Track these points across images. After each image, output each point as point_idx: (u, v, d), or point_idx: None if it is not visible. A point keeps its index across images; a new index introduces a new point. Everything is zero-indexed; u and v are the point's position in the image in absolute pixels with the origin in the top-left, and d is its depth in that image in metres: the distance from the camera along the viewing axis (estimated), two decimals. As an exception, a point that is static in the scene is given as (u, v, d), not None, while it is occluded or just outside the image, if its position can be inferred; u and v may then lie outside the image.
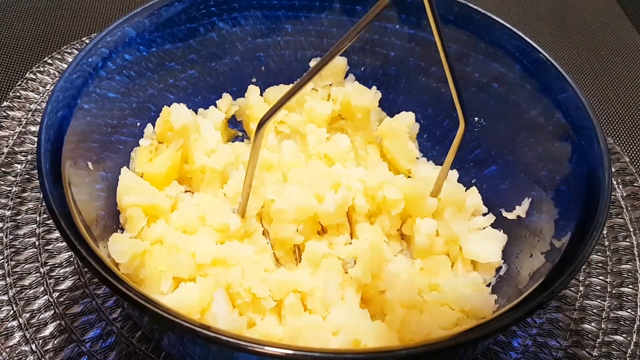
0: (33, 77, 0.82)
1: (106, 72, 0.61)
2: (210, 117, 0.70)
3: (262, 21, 0.70)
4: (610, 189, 0.52)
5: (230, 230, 0.61)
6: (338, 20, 0.71)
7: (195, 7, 0.67)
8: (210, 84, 0.72)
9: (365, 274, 0.59)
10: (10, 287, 0.64)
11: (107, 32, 0.61)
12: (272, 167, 0.68)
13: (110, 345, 0.60)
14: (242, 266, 0.58)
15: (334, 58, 0.51)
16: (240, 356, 0.46)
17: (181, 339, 0.51)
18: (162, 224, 0.61)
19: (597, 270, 0.69)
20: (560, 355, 0.62)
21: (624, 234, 0.72)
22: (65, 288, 0.64)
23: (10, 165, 0.73)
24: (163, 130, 0.67)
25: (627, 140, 0.85)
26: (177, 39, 0.67)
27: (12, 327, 0.61)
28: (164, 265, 0.57)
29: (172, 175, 0.66)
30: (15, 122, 0.77)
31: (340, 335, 0.53)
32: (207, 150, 0.66)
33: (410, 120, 0.69)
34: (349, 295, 0.58)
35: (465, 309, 0.58)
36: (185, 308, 0.53)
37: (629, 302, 0.67)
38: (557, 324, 0.64)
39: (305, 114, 0.71)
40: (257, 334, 0.55)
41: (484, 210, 0.66)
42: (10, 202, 0.70)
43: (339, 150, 0.69)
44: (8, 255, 0.66)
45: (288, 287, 0.57)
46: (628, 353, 0.63)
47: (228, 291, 0.57)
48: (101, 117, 0.61)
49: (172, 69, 0.68)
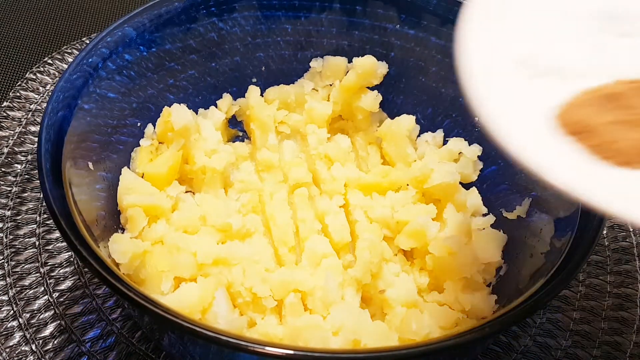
0: (33, 77, 0.82)
1: (106, 72, 0.61)
2: (210, 117, 0.70)
3: (262, 21, 0.70)
4: (610, 189, 0.51)
5: (232, 230, 0.61)
6: (338, 20, 0.71)
7: (195, 7, 0.67)
8: (210, 84, 0.72)
9: (365, 274, 0.59)
10: (10, 287, 0.64)
11: (107, 32, 0.61)
12: (272, 167, 0.69)
13: (110, 345, 0.60)
14: (243, 266, 0.58)
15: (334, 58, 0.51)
16: (240, 356, 0.47)
17: (181, 339, 0.51)
18: (163, 224, 0.61)
19: (597, 270, 0.69)
20: (560, 355, 0.62)
21: (624, 234, 0.72)
22: (65, 288, 0.64)
23: (10, 165, 0.73)
24: (163, 130, 0.67)
25: (627, 140, 0.85)
26: (177, 39, 0.67)
27: (12, 327, 0.61)
28: (165, 265, 0.57)
29: (173, 176, 0.66)
30: (15, 122, 0.77)
31: (340, 335, 0.53)
32: (207, 151, 0.66)
33: (410, 123, 0.69)
34: (349, 295, 0.58)
35: (465, 309, 0.58)
36: (186, 308, 0.53)
37: (629, 302, 0.67)
38: (557, 324, 0.64)
39: (306, 114, 0.71)
40: (258, 333, 0.55)
41: (484, 211, 0.66)
42: (10, 202, 0.70)
43: (339, 151, 0.69)
44: (8, 255, 0.66)
45: (288, 287, 0.57)
46: (628, 353, 0.63)
47: (229, 291, 0.57)
48: (101, 117, 0.61)
49: (172, 69, 0.68)
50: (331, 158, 0.69)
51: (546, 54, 0.47)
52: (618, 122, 0.42)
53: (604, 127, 0.42)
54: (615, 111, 0.43)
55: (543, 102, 0.45)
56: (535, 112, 0.44)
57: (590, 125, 0.42)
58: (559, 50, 0.47)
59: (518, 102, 0.45)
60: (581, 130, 0.42)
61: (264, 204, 0.66)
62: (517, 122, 0.43)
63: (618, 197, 0.38)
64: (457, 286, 0.59)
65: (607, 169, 0.40)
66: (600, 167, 0.40)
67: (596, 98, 0.44)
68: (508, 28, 0.48)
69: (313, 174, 0.69)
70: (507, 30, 0.48)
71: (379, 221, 0.64)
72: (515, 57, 0.47)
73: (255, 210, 0.66)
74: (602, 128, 0.42)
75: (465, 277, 0.60)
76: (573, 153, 0.41)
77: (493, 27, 0.48)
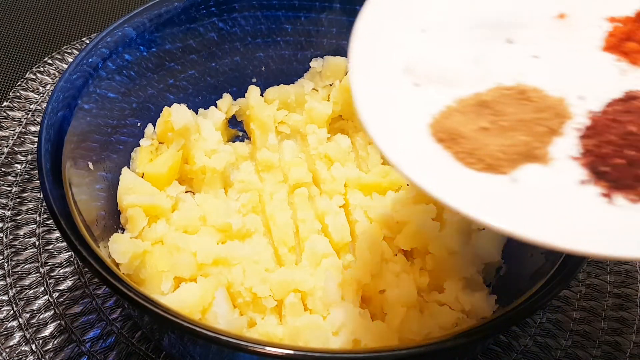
0: (33, 77, 0.82)
1: (106, 72, 0.61)
2: (210, 117, 0.70)
3: (262, 21, 0.70)
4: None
5: (232, 230, 0.61)
6: (338, 20, 0.71)
7: (195, 7, 0.67)
8: (210, 84, 0.72)
9: (365, 274, 0.59)
10: (10, 287, 0.64)
11: (107, 32, 0.61)
12: (272, 167, 0.69)
13: (110, 345, 0.60)
14: (243, 266, 0.58)
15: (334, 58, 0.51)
16: (240, 356, 0.47)
17: (181, 339, 0.51)
18: (163, 224, 0.62)
19: (597, 270, 0.69)
20: (560, 355, 0.62)
21: (623, 234, 0.72)
22: (65, 288, 0.64)
23: (10, 165, 0.73)
24: (164, 130, 0.67)
25: (627, 140, 0.85)
26: (177, 39, 0.67)
27: (12, 327, 0.61)
28: (165, 265, 0.57)
29: (173, 176, 0.66)
30: (15, 122, 0.77)
31: (340, 335, 0.53)
32: (207, 151, 0.66)
33: None
34: (349, 295, 0.58)
35: (465, 309, 0.58)
36: (187, 308, 0.53)
37: (629, 302, 0.67)
38: (557, 324, 0.64)
39: (306, 114, 0.71)
40: (258, 333, 0.55)
41: (484, 211, 0.66)
42: (10, 202, 0.70)
43: (339, 151, 0.69)
44: (8, 255, 0.66)
45: (289, 287, 0.57)
46: (628, 353, 0.63)
47: (229, 291, 0.57)
48: (101, 117, 0.61)
49: (172, 69, 0.68)
50: (331, 158, 0.69)
51: (431, 62, 0.49)
52: (487, 128, 0.45)
53: (473, 133, 0.45)
54: (486, 118, 0.45)
55: (423, 109, 0.47)
56: (414, 118, 0.47)
57: (460, 132, 0.45)
58: (443, 58, 0.49)
59: (400, 108, 0.47)
60: (451, 137, 0.45)
61: (264, 204, 0.66)
62: (395, 128, 0.46)
63: (472, 200, 0.40)
64: (457, 286, 0.59)
65: (469, 174, 0.42)
66: (462, 172, 0.42)
67: (470, 105, 0.47)
68: (398, 34, 0.50)
69: (313, 174, 0.69)
70: (397, 36, 0.50)
71: (379, 221, 0.64)
72: (402, 64, 0.49)
73: (255, 210, 0.66)
74: (471, 135, 0.45)
75: (465, 277, 0.60)
76: (441, 159, 0.44)
77: (384, 33, 0.51)
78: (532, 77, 0.48)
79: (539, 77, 0.48)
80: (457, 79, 0.48)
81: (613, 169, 0.42)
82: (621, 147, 0.42)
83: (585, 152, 0.43)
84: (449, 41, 0.50)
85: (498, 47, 0.51)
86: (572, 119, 0.46)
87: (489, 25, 0.51)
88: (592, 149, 0.43)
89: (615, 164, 0.42)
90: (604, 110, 0.46)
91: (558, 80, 0.48)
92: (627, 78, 0.48)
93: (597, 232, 0.39)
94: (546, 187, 0.41)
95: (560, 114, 0.46)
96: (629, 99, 0.46)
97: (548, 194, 0.41)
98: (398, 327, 0.56)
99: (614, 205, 0.40)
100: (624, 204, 0.40)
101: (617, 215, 0.40)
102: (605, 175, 0.41)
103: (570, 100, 0.47)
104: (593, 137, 0.44)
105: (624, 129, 0.43)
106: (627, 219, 0.39)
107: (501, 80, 0.49)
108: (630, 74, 0.48)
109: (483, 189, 0.42)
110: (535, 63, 0.50)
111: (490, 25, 0.51)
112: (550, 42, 0.51)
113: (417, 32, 0.50)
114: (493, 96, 0.47)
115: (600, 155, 0.43)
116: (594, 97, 0.47)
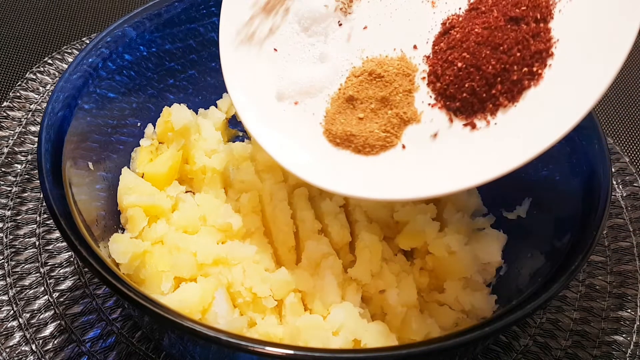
0: (33, 77, 0.82)
1: (106, 72, 0.61)
2: (210, 117, 0.70)
3: (262, 21, 0.70)
4: (610, 189, 0.52)
5: (232, 230, 0.61)
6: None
7: (195, 7, 0.67)
8: (210, 84, 0.72)
9: (365, 274, 0.59)
10: (10, 287, 0.64)
11: (107, 32, 0.61)
12: (272, 167, 0.68)
13: (110, 345, 0.60)
14: (243, 266, 0.58)
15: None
16: (240, 356, 0.47)
17: (181, 339, 0.51)
18: (163, 224, 0.62)
19: (597, 270, 0.69)
20: (560, 355, 0.62)
21: (624, 234, 0.72)
22: (65, 288, 0.64)
23: (10, 165, 0.73)
24: (164, 130, 0.67)
25: (627, 140, 0.85)
26: (177, 39, 0.67)
27: (12, 327, 0.61)
28: (165, 265, 0.57)
29: (173, 176, 0.66)
30: (15, 122, 0.77)
31: (340, 335, 0.53)
32: (207, 151, 0.66)
33: None
34: (349, 295, 0.58)
35: (465, 309, 0.58)
36: (187, 308, 0.53)
37: (629, 302, 0.67)
38: (557, 324, 0.64)
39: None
40: (258, 333, 0.55)
41: (484, 211, 0.66)
42: (10, 202, 0.70)
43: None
44: (8, 255, 0.66)
45: (288, 287, 0.57)
46: (628, 353, 0.63)
47: (229, 291, 0.57)
48: (101, 117, 0.61)
49: (172, 69, 0.68)
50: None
51: (290, 83, 0.56)
52: (362, 118, 0.53)
53: (357, 127, 0.52)
54: (358, 108, 0.53)
55: (312, 121, 0.54)
56: (310, 131, 0.54)
57: (348, 131, 0.52)
58: (296, 74, 0.56)
59: (293, 127, 0.55)
60: (344, 139, 0.53)
61: (264, 204, 0.66)
62: (295, 146, 0.54)
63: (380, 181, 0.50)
64: (457, 286, 0.59)
65: (370, 160, 0.52)
66: (364, 161, 0.52)
67: (342, 103, 0.54)
68: (260, 66, 0.58)
69: (313, 174, 0.69)
70: (259, 71, 0.58)
71: (379, 221, 0.64)
72: (272, 94, 0.56)
73: (255, 210, 0.66)
74: (356, 129, 0.52)
75: (465, 277, 0.60)
76: (345, 159, 0.52)
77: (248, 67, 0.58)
78: (372, 47, 0.55)
79: (376, 45, 0.55)
80: (319, 84, 0.55)
81: (461, 103, 0.49)
82: (459, 83, 0.49)
83: (437, 96, 0.51)
84: (289, 57, 0.57)
85: (332, 33, 0.57)
86: (418, 71, 0.53)
87: (304, 27, 0.57)
88: (440, 91, 0.51)
89: (462, 98, 0.49)
90: (434, 51, 0.52)
91: (392, 40, 0.54)
92: (438, 9, 0.54)
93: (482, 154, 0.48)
94: (426, 137, 0.51)
95: (407, 72, 0.53)
96: (447, 31, 0.52)
97: (432, 144, 0.50)
98: (398, 327, 0.56)
99: (477, 130, 0.49)
100: (483, 125, 0.49)
101: (484, 134, 0.48)
102: (459, 110, 0.50)
103: (408, 53, 0.54)
104: (437, 81, 0.51)
105: (455, 67, 0.50)
106: (491, 137, 0.48)
107: (350, 64, 0.55)
108: (438, 2, 0.54)
109: (387, 167, 0.51)
110: (368, 34, 0.56)
111: (305, 27, 0.57)
112: (369, 7, 0.57)
113: (271, 53, 0.58)
114: (353, 88, 0.54)
115: (448, 96, 0.50)
116: (422, 40, 0.54)
